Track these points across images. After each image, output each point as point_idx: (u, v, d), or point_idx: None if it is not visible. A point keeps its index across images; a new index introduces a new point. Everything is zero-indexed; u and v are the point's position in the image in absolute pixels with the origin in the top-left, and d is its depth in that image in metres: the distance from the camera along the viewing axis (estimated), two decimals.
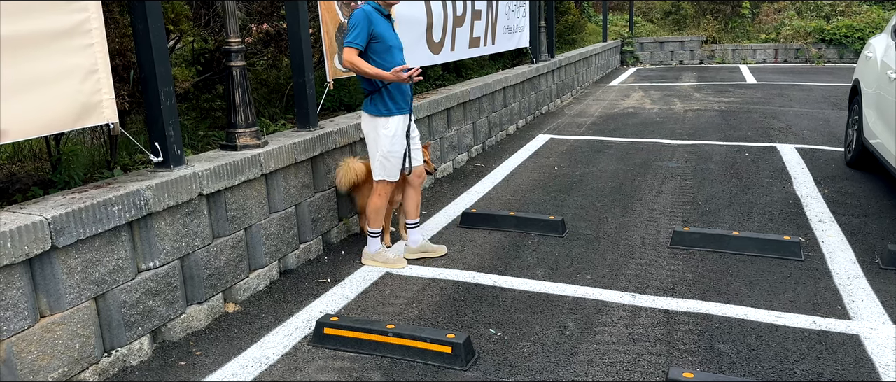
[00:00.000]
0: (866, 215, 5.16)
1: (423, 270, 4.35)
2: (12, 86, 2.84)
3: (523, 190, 6.24)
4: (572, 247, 4.71)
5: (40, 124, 3.01)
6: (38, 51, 2.93)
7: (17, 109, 2.87)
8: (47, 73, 2.98)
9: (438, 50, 6.98)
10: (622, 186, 6.23)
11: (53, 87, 3.02)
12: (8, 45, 2.80)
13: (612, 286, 4.05)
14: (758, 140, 8.10)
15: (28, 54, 2.89)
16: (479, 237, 4.96)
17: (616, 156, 7.45)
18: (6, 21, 2.79)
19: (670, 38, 19.22)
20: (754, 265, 4.30)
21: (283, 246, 4.29)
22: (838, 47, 17.25)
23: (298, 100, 4.73)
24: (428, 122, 6.38)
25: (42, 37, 2.95)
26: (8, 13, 2.80)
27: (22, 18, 2.85)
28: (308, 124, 4.71)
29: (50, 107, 3.01)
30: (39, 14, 2.93)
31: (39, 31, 2.93)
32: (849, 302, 3.73)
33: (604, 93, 13.19)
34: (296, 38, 4.61)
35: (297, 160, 4.34)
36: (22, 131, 2.94)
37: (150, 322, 3.35)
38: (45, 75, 2.97)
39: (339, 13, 5.10)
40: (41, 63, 2.95)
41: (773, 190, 5.97)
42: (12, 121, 2.87)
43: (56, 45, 3.01)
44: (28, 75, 2.90)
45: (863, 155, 6.30)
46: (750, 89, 12.91)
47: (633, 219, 5.28)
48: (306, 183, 4.50)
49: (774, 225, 5.03)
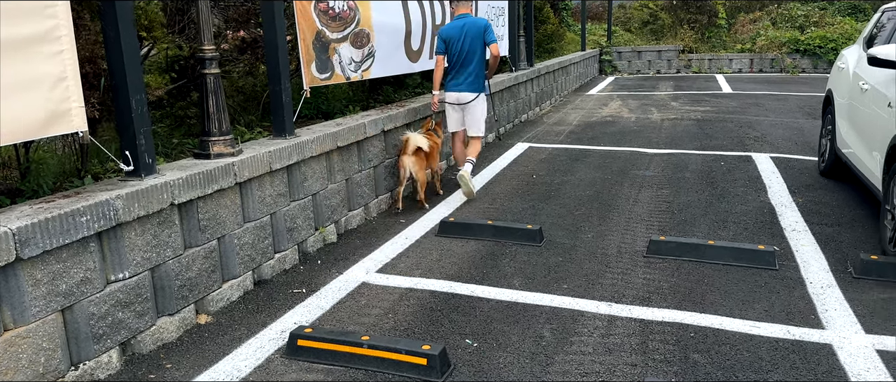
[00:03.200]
0: (839, 224, 5.22)
1: (401, 280, 4.32)
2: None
3: (502, 198, 6.24)
4: (550, 256, 4.71)
5: (6, 132, 2.94)
6: (4, 58, 2.87)
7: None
8: (14, 81, 2.92)
9: (417, 58, 6.97)
10: (600, 195, 6.26)
11: (21, 95, 2.95)
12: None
13: (588, 295, 4.05)
14: (733, 149, 8.18)
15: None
16: (457, 246, 4.94)
17: (594, 165, 7.48)
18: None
19: (648, 47, 19.41)
20: (729, 274, 4.33)
21: (257, 255, 4.23)
22: (812, 57, 17.54)
23: (274, 109, 4.69)
24: (406, 131, 6.35)
25: (9, 44, 2.88)
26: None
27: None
28: (284, 132, 4.66)
29: (17, 115, 2.95)
30: (6, 20, 2.87)
31: (6, 38, 2.87)
32: (822, 311, 3.76)
33: (582, 101, 13.27)
34: (272, 45, 4.57)
35: (273, 169, 4.30)
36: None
37: (119, 335, 3.28)
38: (11, 83, 2.90)
39: (317, 21, 5.07)
40: (8, 70, 2.89)
41: (748, 199, 6.03)
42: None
43: (24, 52, 2.95)
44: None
45: (836, 164, 6.38)
46: (726, 98, 13.06)
47: (610, 228, 5.29)
48: (282, 191, 4.46)
49: (749, 235, 5.07)
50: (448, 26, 6.12)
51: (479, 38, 5.99)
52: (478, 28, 5.97)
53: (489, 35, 5.97)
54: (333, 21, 5.26)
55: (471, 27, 5.98)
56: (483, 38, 5.98)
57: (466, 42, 5.98)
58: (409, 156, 5.63)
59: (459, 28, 5.99)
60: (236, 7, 5.59)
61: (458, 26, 6.01)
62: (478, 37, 5.99)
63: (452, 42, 5.99)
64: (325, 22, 5.17)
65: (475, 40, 5.98)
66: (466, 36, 5.97)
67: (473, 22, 6.02)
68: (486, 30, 5.98)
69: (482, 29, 5.98)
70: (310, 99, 6.35)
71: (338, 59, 5.36)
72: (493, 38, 5.98)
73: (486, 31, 5.98)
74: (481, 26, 5.99)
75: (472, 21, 6.04)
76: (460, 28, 5.99)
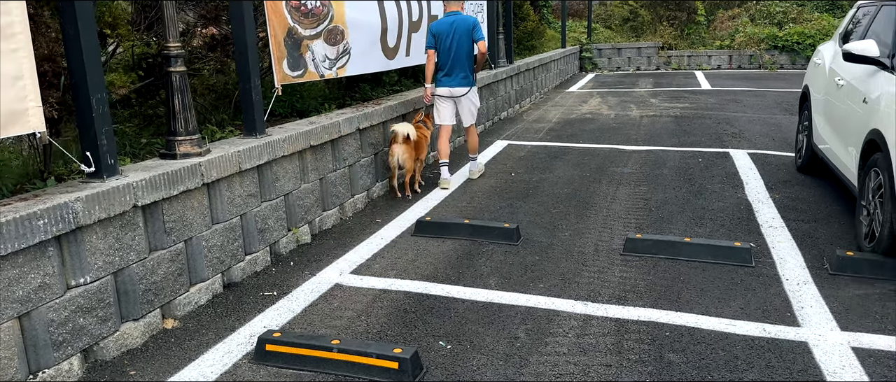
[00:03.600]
0: (816, 220, 5.22)
1: (374, 281, 4.25)
2: None
3: (480, 196, 6.18)
4: (526, 255, 4.66)
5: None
6: None
7: None
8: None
9: (393, 55, 6.89)
10: (578, 192, 6.22)
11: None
12: None
13: (564, 294, 4.00)
14: (711, 145, 8.19)
15: None
16: (434, 246, 4.88)
17: (573, 162, 7.44)
18: None
19: (628, 44, 19.45)
20: (706, 271, 4.30)
21: (226, 258, 4.13)
22: (790, 53, 17.67)
23: (245, 107, 4.59)
24: (382, 129, 6.28)
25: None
26: None
27: None
28: (255, 131, 4.57)
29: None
30: None
31: None
32: (798, 308, 3.75)
33: (562, 98, 13.25)
34: (241, 42, 4.47)
35: (242, 168, 4.20)
36: None
37: (80, 342, 3.18)
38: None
39: (288, 17, 4.97)
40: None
41: (725, 195, 6.02)
42: None
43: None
44: None
45: (813, 160, 6.40)
46: (704, 95, 13.11)
47: (588, 226, 5.25)
48: (252, 192, 4.36)
49: (726, 231, 5.06)
50: (438, 22, 6.41)
51: (467, 34, 6.27)
52: (467, 25, 6.26)
53: (477, 32, 6.29)
54: (306, 17, 5.16)
55: (460, 24, 6.26)
56: (471, 35, 6.28)
57: (455, 38, 6.25)
58: (399, 144, 5.84)
59: (449, 24, 6.27)
60: (206, 3, 5.47)
61: (448, 23, 6.29)
62: (466, 34, 6.26)
63: (442, 37, 6.27)
64: (297, 18, 5.07)
65: (464, 37, 6.26)
66: (456, 32, 6.24)
67: (463, 19, 6.30)
68: (475, 27, 6.29)
69: (470, 26, 6.27)
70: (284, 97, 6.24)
71: (311, 57, 5.27)
72: (481, 35, 6.32)
73: (475, 28, 6.29)
74: (470, 24, 6.29)
75: (461, 18, 6.31)
76: (450, 24, 6.27)
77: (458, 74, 6.35)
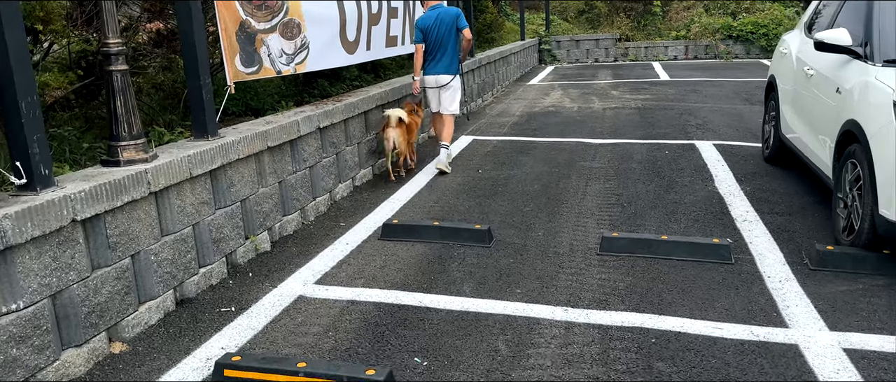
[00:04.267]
0: (790, 213, 5.14)
1: (341, 292, 3.98)
2: None
3: (448, 195, 5.95)
4: (500, 258, 4.45)
5: None
6: None
7: None
8: None
9: (353, 49, 6.59)
10: (548, 189, 6.04)
11: None
12: None
13: (543, 300, 3.80)
14: (676, 137, 8.12)
15: None
16: (402, 250, 4.63)
17: (540, 158, 7.27)
18: None
19: (586, 36, 19.43)
20: (685, 270, 4.16)
21: (179, 272, 3.81)
22: (745, 43, 17.88)
23: (194, 108, 4.25)
24: (344, 127, 5.99)
25: None
26: None
27: None
28: (206, 133, 4.24)
29: None
30: None
31: None
32: (783, 307, 3.62)
33: (524, 91, 13.10)
34: (188, 37, 4.13)
35: (193, 174, 3.87)
36: None
37: (13, 375, 2.84)
38: None
39: (240, 10, 4.64)
40: None
41: (695, 189, 5.92)
42: None
43: None
44: None
45: (781, 151, 6.35)
46: (664, 86, 13.12)
47: (561, 225, 5.07)
48: (205, 199, 4.04)
49: (701, 227, 4.94)
50: (424, 17, 6.65)
51: (452, 25, 6.59)
52: (451, 16, 6.60)
53: (461, 22, 6.63)
54: (259, 10, 4.84)
55: (444, 15, 6.58)
56: (456, 25, 6.60)
57: (442, 29, 6.56)
58: (393, 128, 6.15)
59: (434, 17, 6.56)
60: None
61: (433, 16, 6.57)
62: (451, 24, 6.59)
63: (429, 31, 6.57)
64: (249, 11, 4.74)
65: (449, 27, 6.58)
66: (441, 24, 6.55)
67: (446, 11, 6.64)
68: (459, 17, 6.63)
69: (455, 17, 6.61)
70: (237, 94, 5.89)
71: (266, 52, 4.95)
72: (465, 24, 6.66)
73: (459, 18, 6.63)
74: (454, 14, 6.62)
75: (444, 10, 6.64)
76: (435, 17, 6.56)
77: (444, 63, 6.66)
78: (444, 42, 6.59)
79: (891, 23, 4.48)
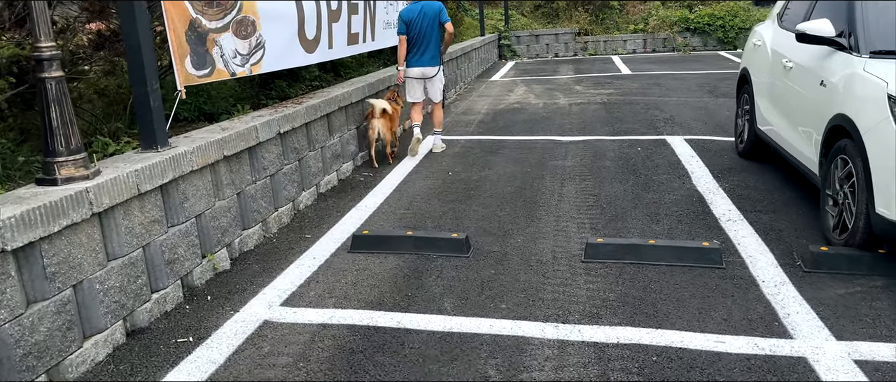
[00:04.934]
0: (774, 211, 4.99)
1: (311, 314, 3.64)
2: None
3: (419, 200, 5.64)
4: (480, 269, 4.17)
5: None
6: None
7: None
8: None
9: (313, 48, 6.22)
10: (522, 191, 5.79)
11: None
12: None
13: (530, 315, 3.54)
14: (646, 133, 7.97)
15: None
16: (375, 264, 4.31)
17: (511, 157, 7.02)
18: None
19: (545, 31, 19.30)
20: (676, 276, 3.95)
21: (128, 300, 3.42)
22: (702, 35, 17.99)
23: (141, 116, 3.86)
24: (306, 131, 5.62)
25: None
26: None
27: None
28: (155, 144, 3.85)
29: None
30: None
31: None
32: (784, 316, 3.43)
33: (487, 88, 12.86)
34: (133, 38, 3.73)
35: (142, 190, 3.49)
36: None
37: None
38: None
39: (190, 8, 4.25)
40: None
41: (673, 187, 5.74)
42: None
43: None
44: None
45: (756, 145, 6.23)
46: (627, 80, 13.03)
47: (541, 230, 4.82)
48: (156, 217, 3.65)
49: (685, 228, 4.75)
50: (407, 9, 6.91)
51: (434, 18, 6.87)
52: (434, 10, 6.87)
53: (443, 16, 6.92)
54: (210, 7, 4.45)
55: (428, 9, 6.84)
56: (439, 19, 6.88)
57: (425, 23, 6.82)
58: (378, 118, 6.51)
59: (418, 11, 6.83)
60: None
61: (417, 9, 6.84)
62: (434, 18, 6.87)
63: (412, 23, 6.83)
64: (199, 9, 4.35)
65: (433, 21, 6.85)
66: (425, 17, 6.82)
67: (429, 5, 6.87)
68: (441, 11, 6.91)
69: (437, 11, 6.89)
70: (189, 99, 5.50)
71: (219, 52, 4.56)
72: (447, 18, 6.94)
73: (441, 12, 6.91)
74: (437, 8, 6.89)
75: (428, 5, 6.87)
76: (419, 10, 6.83)
77: (428, 55, 6.94)
78: (428, 35, 6.86)
79: (876, 12, 4.35)
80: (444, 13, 6.94)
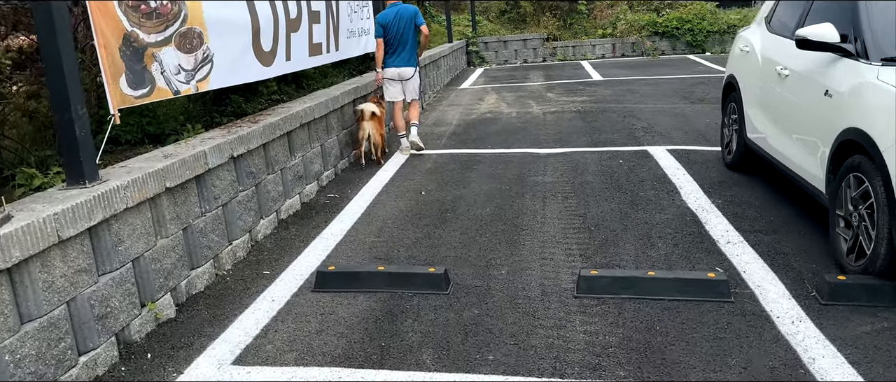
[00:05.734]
0: (774, 231, 4.62)
1: (269, 374, 3.13)
2: None
3: (390, 226, 5.16)
4: (462, 309, 3.70)
5: None
6: None
7: None
8: None
9: (270, 60, 5.69)
10: (502, 212, 5.34)
11: None
12: None
13: (523, 370, 3.08)
14: (626, 143, 7.61)
15: None
16: (343, 306, 3.81)
17: (487, 173, 6.57)
18: None
19: (513, 37, 18.96)
20: (682, 313, 3.53)
21: (48, 369, 2.87)
22: (670, 39, 17.84)
23: (65, 147, 3.31)
24: (264, 152, 5.10)
25: None
26: None
27: None
28: (82, 178, 3.30)
29: None
30: None
31: None
32: (809, 361, 3.03)
33: (457, 97, 12.42)
34: (53, 56, 3.18)
35: (64, 237, 2.94)
36: None
37: None
38: None
39: (124, 20, 3.71)
40: None
41: (662, 204, 5.36)
42: None
43: None
44: None
45: (745, 157, 5.89)
46: (599, 86, 12.72)
47: (525, 259, 4.38)
48: (83, 266, 3.10)
49: (682, 253, 4.35)
50: (384, 13, 7.24)
51: (410, 21, 7.18)
52: (409, 13, 7.19)
53: (419, 19, 7.24)
54: (149, 18, 3.91)
55: (403, 12, 7.17)
56: (414, 22, 7.19)
57: (401, 26, 7.15)
58: (368, 121, 6.90)
59: (394, 14, 7.16)
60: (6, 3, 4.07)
61: (393, 13, 7.17)
62: (410, 21, 7.18)
63: (389, 26, 7.15)
64: (136, 21, 3.81)
65: (408, 24, 7.17)
66: (400, 20, 7.15)
67: (405, 8, 7.20)
68: (416, 15, 7.23)
69: (413, 14, 7.21)
70: (131, 118, 4.95)
71: (159, 69, 4.02)
72: (422, 21, 7.26)
73: (416, 15, 7.23)
74: (412, 12, 7.22)
75: (404, 8, 7.20)
76: (395, 14, 7.16)
77: (404, 57, 7.26)
78: (404, 37, 7.18)
79: (883, 14, 4.01)
80: (420, 16, 7.24)
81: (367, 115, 6.90)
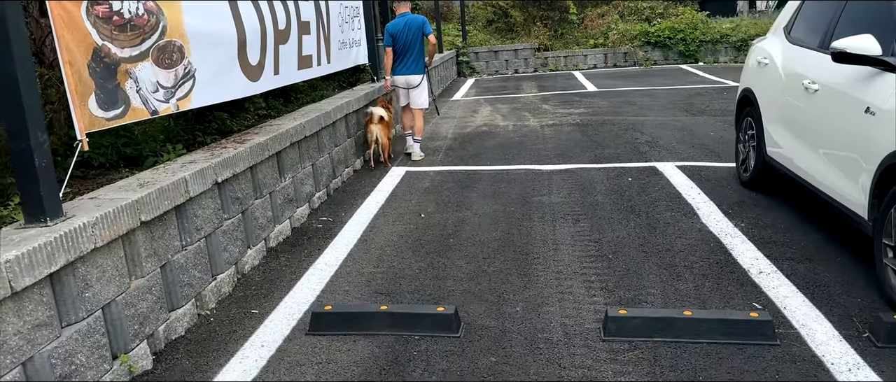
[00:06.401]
0: (809, 258, 4.27)
1: None
2: None
3: (389, 255, 4.74)
4: (477, 356, 3.30)
5: None
6: None
7: None
8: None
9: (257, 75, 5.27)
10: (510, 238, 4.95)
11: None
12: None
13: None
14: (632, 159, 7.26)
15: None
16: (342, 352, 3.39)
17: (489, 193, 6.18)
18: None
19: (504, 46, 18.64)
20: (725, 360, 3.15)
21: None
22: (663, 49, 17.60)
23: (22, 180, 2.87)
24: (251, 176, 4.68)
25: None
26: None
27: None
28: (43, 215, 2.86)
29: None
30: None
31: None
32: None
33: (450, 108, 12.03)
34: (8, 77, 2.75)
35: (17, 288, 2.51)
36: None
37: None
38: None
39: (93, 32, 3.28)
40: None
41: (682, 227, 5.00)
42: None
43: None
44: None
45: (763, 174, 5.55)
46: (594, 98, 12.40)
47: (541, 293, 3.98)
48: (42, 319, 2.67)
49: (712, 285, 3.98)
50: (393, 23, 7.51)
51: (419, 31, 7.44)
52: (418, 23, 7.45)
53: (427, 28, 7.51)
54: (122, 31, 3.49)
55: (412, 22, 7.43)
56: (422, 31, 7.45)
57: (410, 35, 7.42)
58: (376, 124, 7.16)
59: (403, 24, 7.42)
60: None
61: (402, 22, 7.43)
62: (418, 30, 7.44)
63: (398, 36, 7.43)
64: (108, 33, 3.39)
65: (417, 33, 7.44)
66: (409, 30, 7.41)
67: (413, 18, 7.48)
68: (424, 24, 7.49)
69: (421, 23, 7.46)
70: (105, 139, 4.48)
71: (134, 87, 3.59)
72: (430, 30, 7.56)
73: (424, 25, 7.48)
74: (420, 21, 7.49)
75: (412, 17, 7.47)
76: (404, 24, 7.42)
77: (412, 65, 7.54)
78: (412, 46, 7.46)
79: None
80: (428, 26, 7.50)
81: (375, 119, 7.16)
